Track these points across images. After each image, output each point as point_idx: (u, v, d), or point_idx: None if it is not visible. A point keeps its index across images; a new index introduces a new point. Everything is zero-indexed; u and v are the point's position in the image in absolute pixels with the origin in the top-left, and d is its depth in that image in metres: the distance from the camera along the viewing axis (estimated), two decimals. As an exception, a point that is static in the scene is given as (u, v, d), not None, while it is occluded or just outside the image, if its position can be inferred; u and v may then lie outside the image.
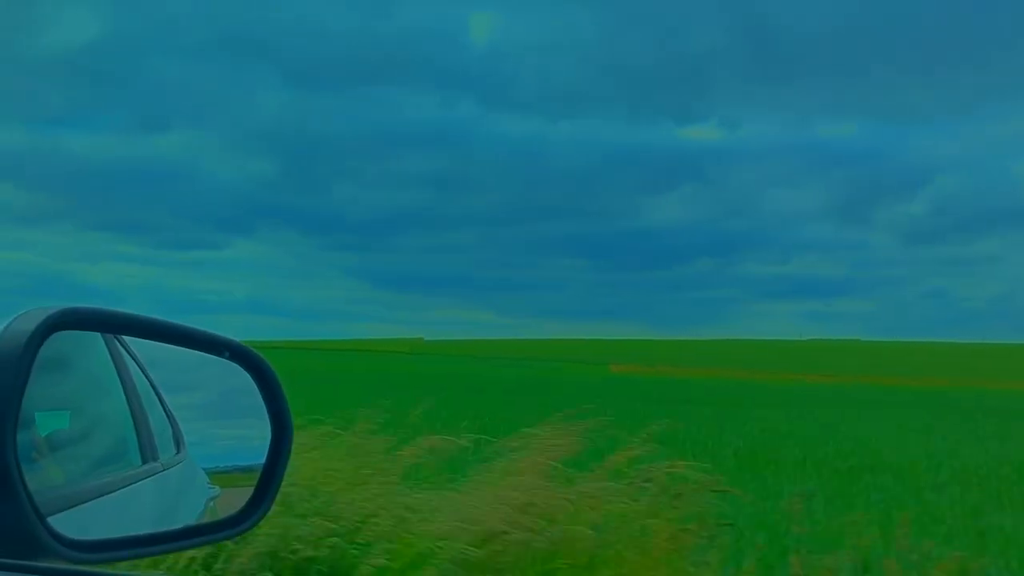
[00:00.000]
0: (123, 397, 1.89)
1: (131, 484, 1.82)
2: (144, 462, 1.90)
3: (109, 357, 1.88)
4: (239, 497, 1.83)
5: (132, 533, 1.67)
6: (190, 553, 5.01)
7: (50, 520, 1.31)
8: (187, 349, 1.62)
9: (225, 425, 2.06)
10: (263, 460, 1.79)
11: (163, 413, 2.02)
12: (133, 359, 1.93)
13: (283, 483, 1.64)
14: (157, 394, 2.00)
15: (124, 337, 1.90)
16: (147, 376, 1.98)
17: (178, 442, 2.04)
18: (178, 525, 1.84)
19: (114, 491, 1.74)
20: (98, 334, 1.85)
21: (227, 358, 1.63)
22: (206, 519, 1.90)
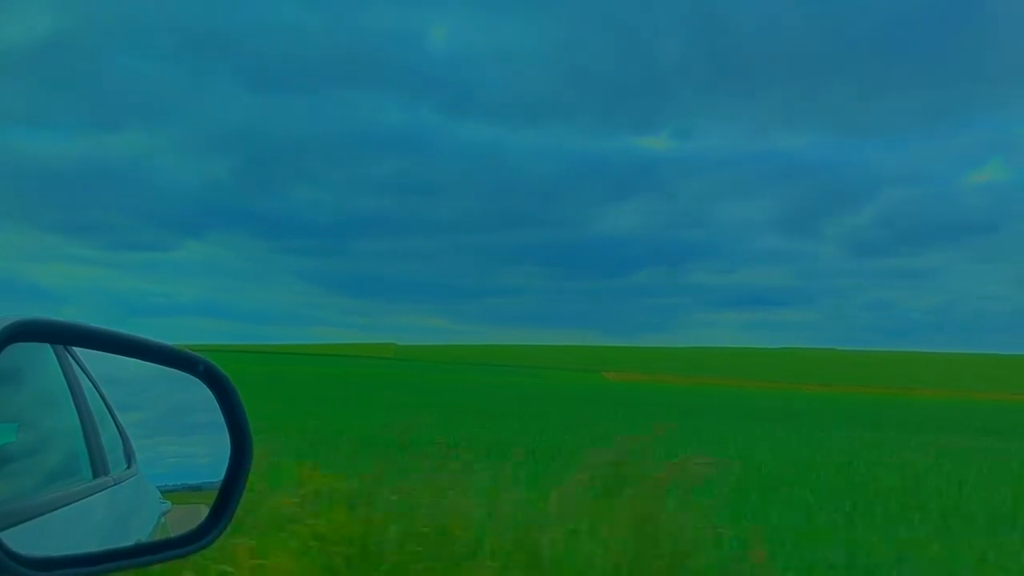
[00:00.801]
0: (74, 410, 1.85)
1: (82, 499, 1.79)
2: (95, 476, 1.86)
3: (60, 369, 1.84)
4: (190, 513, 1.81)
5: (84, 550, 1.64)
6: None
7: (-1, 536, 1.28)
8: (145, 362, 1.60)
9: (174, 442, 2.04)
10: (211, 479, 1.78)
11: (114, 427, 1.98)
12: (84, 372, 1.90)
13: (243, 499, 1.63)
14: (108, 408, 1.97)
15: (76, 349, 1.87)
16: (98, 389, 1.94)
17: (129, 457, 2.00)
18: (130, 541, 1.81)
19: (64, 506, 1.71)
20: (48, 346, 1.81)
21: (185, 371, 1.61)
22: (158, 535, 1.88)
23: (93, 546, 1.72)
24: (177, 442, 1.99)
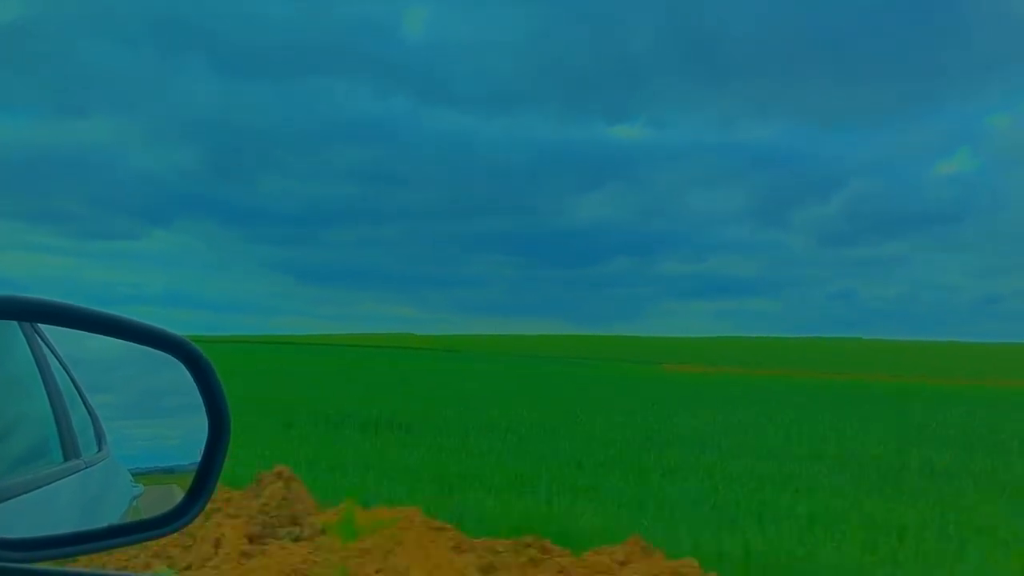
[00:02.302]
0: (43, 392, 1.82)
1: (52, 482, 1.75)
2: (66, 459, 1.83)
3: (28, 350, 1.80)
4: (162, 496, 1.78)
5: (57, 532, 1.61)
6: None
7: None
8: (119, 340, 1.57)
9: (146, 424, 2.01)
10: (182, 461, 1.75)
11: (85, 409, 1.95)
12: (52, 351, 1.86)
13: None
14: (78, 390, 1.93)
15: (45, 330, 1.83)
16: (68, 371, 1.91)
17: (100, 439, 1.97)
18: (102, 523, 1.78)
19: (35, 489, 1.67)
20: (16, 326, 1.77)
21: (161, 350, 1.58)
22: (130, 517, 1.85)
23: (63, 529, 1.69)
24: (149, 424, 1.96)
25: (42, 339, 1.85)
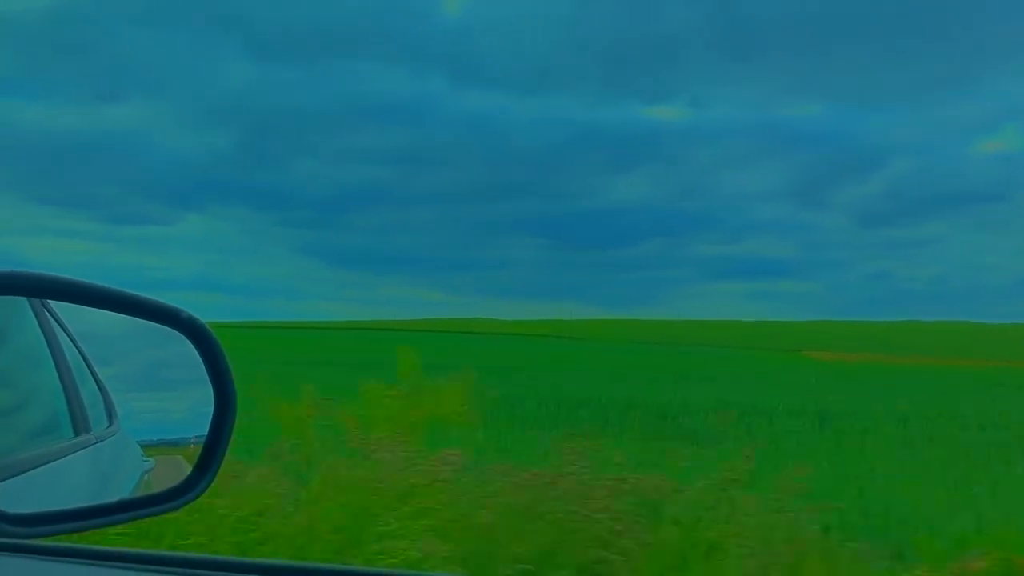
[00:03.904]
0: (53, 367, 1.83)
1: (63, 457, 1.76)
2: (76, 434, 1.84)
3: (38, 326, 1.81)
4: (173, 470, 1.79)
5: (67, 507, 1.62)
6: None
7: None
8: (125, 317, 1.57)
9: (155, 397, 2.01)
10: (192, 434, 1.75)
11: (95, 384, 1.96)
12: (63, 328, 1.87)
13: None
14: (88, 365, 1.94)
15: (54, 306, 1.83)
16: (77, 346, 1.91)
17: (110, 414, 1.98)
18: (113, 498, 1.79)
19: (45, 464, 1.68)
20: (26, 302, 1.78)
21: (167, 325, 1.58)
22: (140, 492, 1.86)
23: (74, 504, 1.70)
24: (158, 397, 1.97)
25: (52, 315, 1.86)
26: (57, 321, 1.85)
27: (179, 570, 1.38)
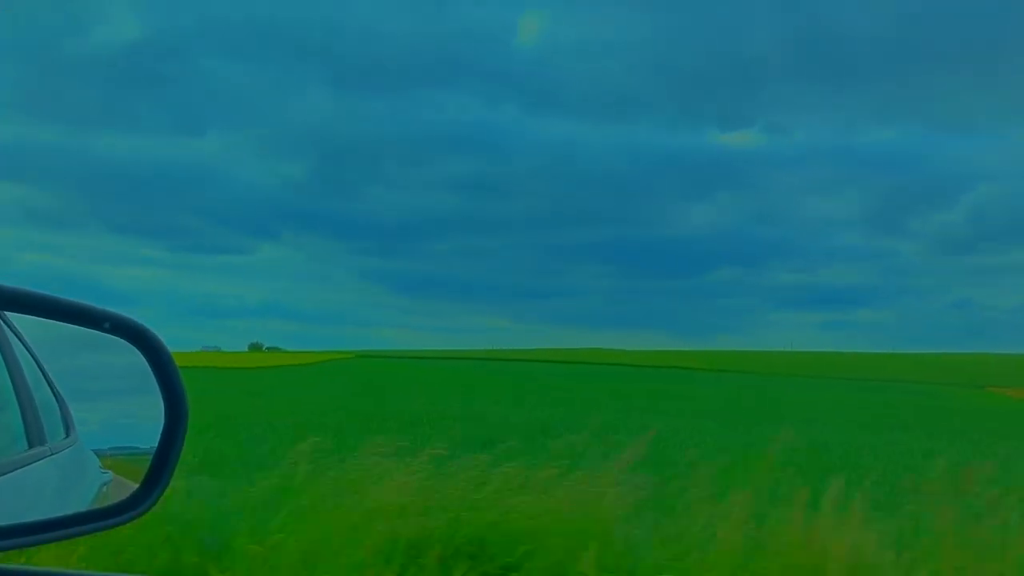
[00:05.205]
0: (7, 377, 1.79)
1: (17, 469, 1.73)
2: (31, 446, 1.80)
3: (-9, 336, 1.77)
4: (134, 482, 1.75)
5: (18, 520, 1.59)
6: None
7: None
8: (64, 323, 1.53)
9: (118, 406, 1.97)
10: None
11: (51, 394, 1.92)
12: (17, 336, 1.83)
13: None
14: (44, 374, 1.90)
15: (9, 316, 1.80)
16: (34, 357, 1.87)
17: (67, 424, 1.94)
18: (69, 511, 1.75)
19: (-2, 477, 1.65)
20: (-22, 312, 1.74)
21: (106, 331, 1.54)
22: (98, 504, 1.82)
23: (28, 518, 1.66)
24: (119, 408, 1.93)
25: (7, 324, 1.82)
26: (10, 328, 1.81)
27: None
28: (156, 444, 1.69)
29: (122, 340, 1.64)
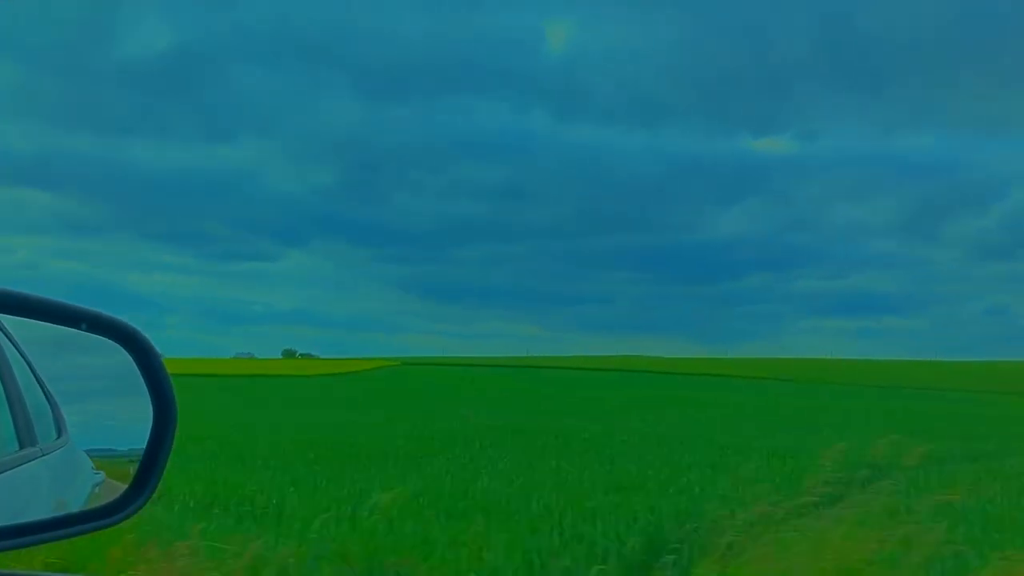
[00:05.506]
0: (-3, 379, 1.78)
1: (8, 470, 1.72)
2: (22, 447, 1.80)
3: (-19, 338, 1.77)
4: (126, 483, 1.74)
5: (10, 522, 1.58)
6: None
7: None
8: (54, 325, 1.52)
9: (111, 407, 1.97)
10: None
11: (42, 395, 1.91)
12: (8, 338, 1.82)
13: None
14: (35, 375, 1.89)
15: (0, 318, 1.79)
16: (25, 358, 1.87)
17: (59, 426, 1.93)
18: (60, 512, 1.75)
19: (-13, 478, 1.64)
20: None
21: (95, 332, 1.53)
22: (90, 506, 1.81)
23: (20, 519, 1.66)
24: (111, 410, 1.93)
25: (-3, 325, 1.81)
26: (3, 332, 1.80)
27: None
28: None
29: (113, 342, 1.63)
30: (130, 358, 1.64)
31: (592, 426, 27.86)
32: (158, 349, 1.56)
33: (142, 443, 1.72)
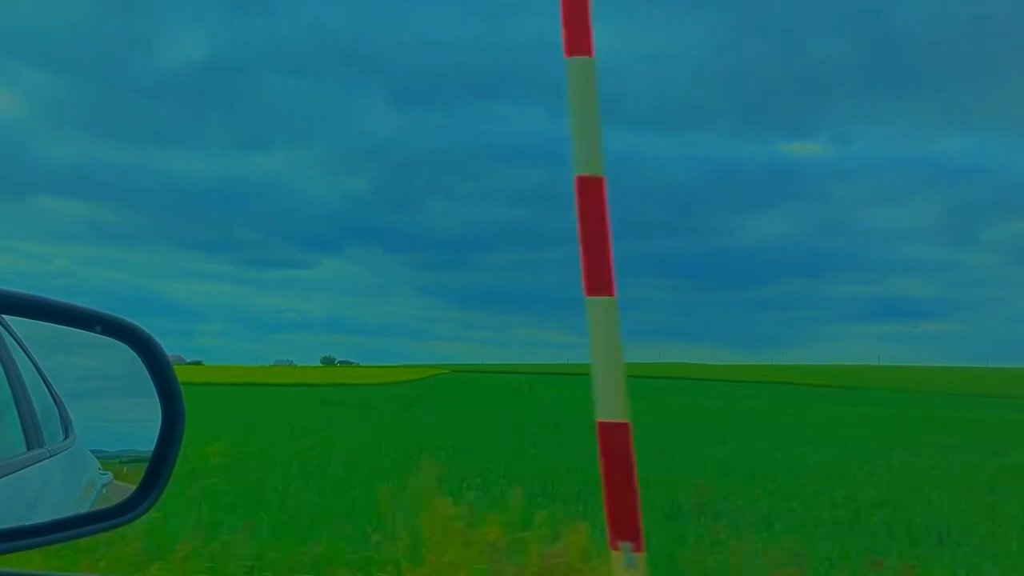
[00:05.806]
0: (4, 380, 1.78)
1: (15, 472, 1.72)
2: (30, 448, 1.80)
3: (-13, 339, 1.77)
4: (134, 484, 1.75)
5: (19, 523, 1.58)
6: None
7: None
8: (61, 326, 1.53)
9: (119, 408, 1.97)
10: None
11: (49, 396, 1.91)
12: (14, 339, 1.83)
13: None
14: (42, 376, 1.90)
15: (5, 319, 1.79)
16: (31, 358, 1.87)
17: (66, 426, 1.94)
18: (68, 513, 1.75)
19: (-5, 480, 1.64)
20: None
21: (103, 333, 1.54)
22: (98, 507, 1.82)
23: (28, 521, 1.66)
24: (119, 410, 1.93)
25: (4, 327, 1.81)
26: (8, 331, 1.80)
27: None
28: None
29: (119, 343, 1.64)
30: (136, 358, 1.65)
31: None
32: (167, 351, 1.56)
33: (150, 444, 1.73)
